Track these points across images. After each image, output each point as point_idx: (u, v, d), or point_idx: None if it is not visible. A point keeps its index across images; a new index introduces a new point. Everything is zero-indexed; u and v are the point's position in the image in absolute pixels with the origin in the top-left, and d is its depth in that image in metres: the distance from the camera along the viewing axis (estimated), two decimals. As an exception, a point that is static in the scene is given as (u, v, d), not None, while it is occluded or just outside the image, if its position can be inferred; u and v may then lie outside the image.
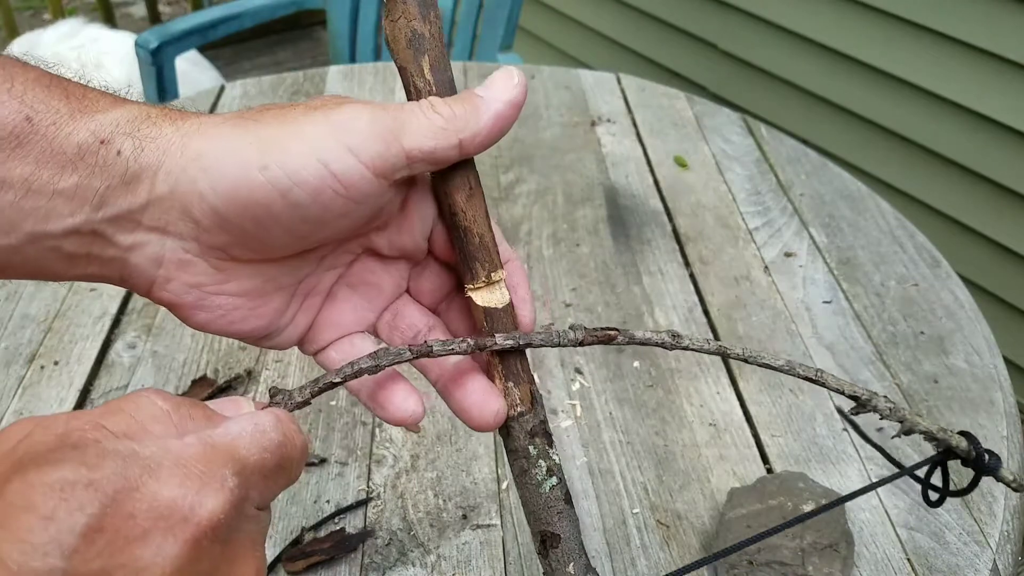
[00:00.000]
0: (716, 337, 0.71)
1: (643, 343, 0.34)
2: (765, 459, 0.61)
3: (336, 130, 0.29)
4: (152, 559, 0.21)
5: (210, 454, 0.24)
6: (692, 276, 0.79)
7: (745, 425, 0.63)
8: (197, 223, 0.30)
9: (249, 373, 0.67)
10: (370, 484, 0.58)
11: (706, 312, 0.74)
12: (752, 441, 0.62)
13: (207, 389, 0.65)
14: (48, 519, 0.20)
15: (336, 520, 0.56)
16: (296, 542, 0.54)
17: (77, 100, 0.29)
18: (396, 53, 0.34)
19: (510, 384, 0.34)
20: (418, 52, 0.34)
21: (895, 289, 0.77)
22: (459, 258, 0.35)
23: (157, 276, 0.31)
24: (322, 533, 0.55)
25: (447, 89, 0.34)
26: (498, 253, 0.35)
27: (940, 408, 0.64)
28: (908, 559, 0.53)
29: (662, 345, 0.34)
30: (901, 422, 0.38)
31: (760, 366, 0.35)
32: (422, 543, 0.54)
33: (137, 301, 0.75)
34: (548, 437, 0.34)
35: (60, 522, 0.20)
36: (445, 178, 0.34)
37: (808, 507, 0.52)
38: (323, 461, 0.60)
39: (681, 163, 0.96)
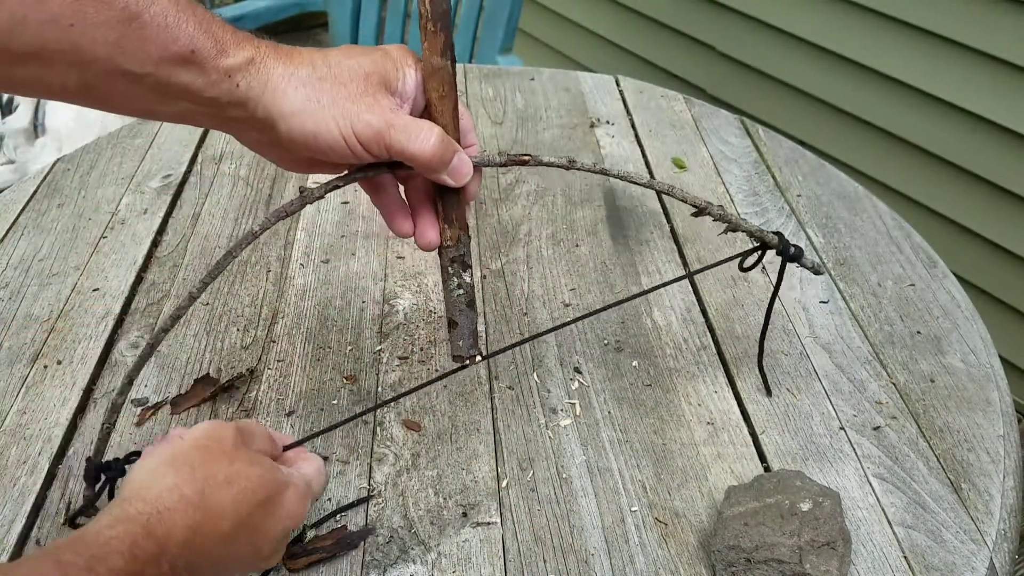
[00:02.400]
0: (713, 336, 0.72)
1: (548, 165, 0.52)
2: (762, 458, 0.61)
3: (356, 123, 0.46)
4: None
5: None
6: (690, 276, 0.79)
7: (743, 424, 0.64)
8: (279, 137, 0.48)
9: (251, 372, 0.68)
10: (371, 482, 0.59)
11: (704, 312, 0.75)
12: (749, 440, 0.62)
13: (209, 388, 0.66)
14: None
15: (337, 518, 0.56)
16: (298, 540, 0.55)
17: (218, 42, 0.45)
18: None
19: (446, 226, 0.52)
20: None
21: (892, 289, 0.77)
22: None
23: (261, 139, 0.50)
24: (323, 531, 0.55)
25: (441, 18, 0.47)
26: (458, 140, 0.50)
27: (937, 407, 0.65)
28: (905, 557, 0.54)
29: (561, 166, 0.52)
30: (727, 222, 0.57)
31: (629, 181, 0.54)
32: (423, 541, 0.55)
33: (140, 301, 0.76)
34: (464, 265, 0.52)
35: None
36: (428, 84, 0.49)
37: (805, 505, 0.52)
38: (325, 459, 0.60)
39: (679, 164, 0.96)
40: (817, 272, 0.62)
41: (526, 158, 0.50)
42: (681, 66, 1.98)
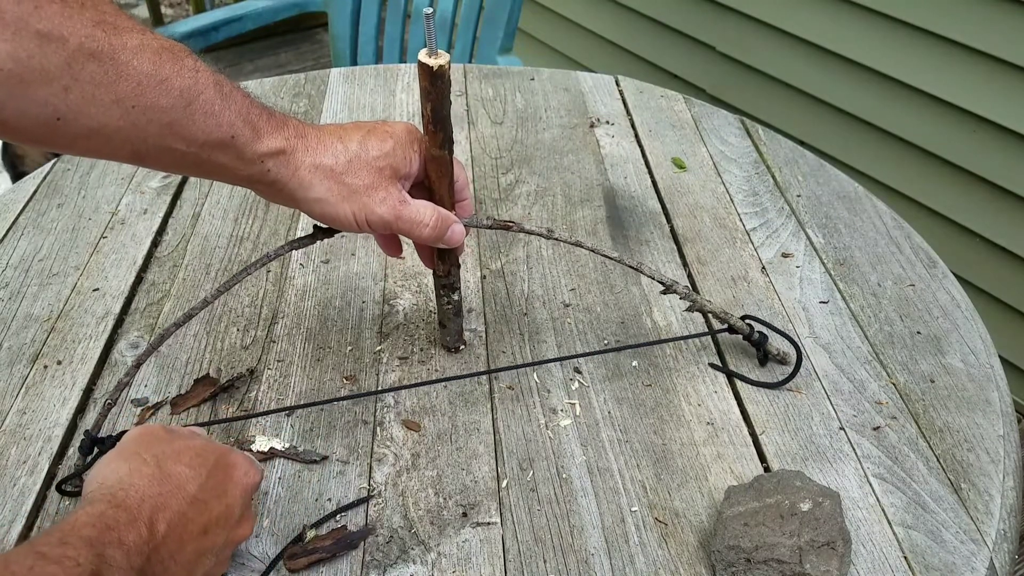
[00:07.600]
0: (712, 333, 0.72)
1: (529, 232, 0.62)
2: (762, 458, 0.61)
3: (370, 215, 0.55)
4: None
5: None
6: (690, 276, 0.79)
7: (743, 424, 0.64)
8: (299, 207, 0.56)
9: (251, 372, 0.68)
10: (371, 482, 0.59)
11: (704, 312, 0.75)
12: (749, 440, 0.62)
13: (209, 388, 0.66)
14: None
15: (337, 518, 0.56)
16: (298, 540, 0.55)
17: (254, 130, 0.51)
18: None
19: (440, 262, 0.64)
20: None
21: (892, 289, 0.77)
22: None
23: (280, 202, 0.57)
24: (323, 531, 0.55)
25: (440, 121, 0.54)
26: (452, 205, 0.60)
27: (936, 407, 0.65)
28: (905, 557, 0.54)
29: (541, 235, 0.62)
30: (692, 302, 0.65)
31: (602, 256, 0.64)
32: (423, 541, 0.55)
33: (140, 301, 0.76)
34: (453, 288, 0.66)
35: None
36: (428, 166, 0.58)
37: (805, 505, 0.52)
38: (324, 459, 0.60)
39: (679, 164, 0.96)
40: (782, 362, 0.68)
41: (510, 224, 0.61)
42: (681, 66, 1.98)
